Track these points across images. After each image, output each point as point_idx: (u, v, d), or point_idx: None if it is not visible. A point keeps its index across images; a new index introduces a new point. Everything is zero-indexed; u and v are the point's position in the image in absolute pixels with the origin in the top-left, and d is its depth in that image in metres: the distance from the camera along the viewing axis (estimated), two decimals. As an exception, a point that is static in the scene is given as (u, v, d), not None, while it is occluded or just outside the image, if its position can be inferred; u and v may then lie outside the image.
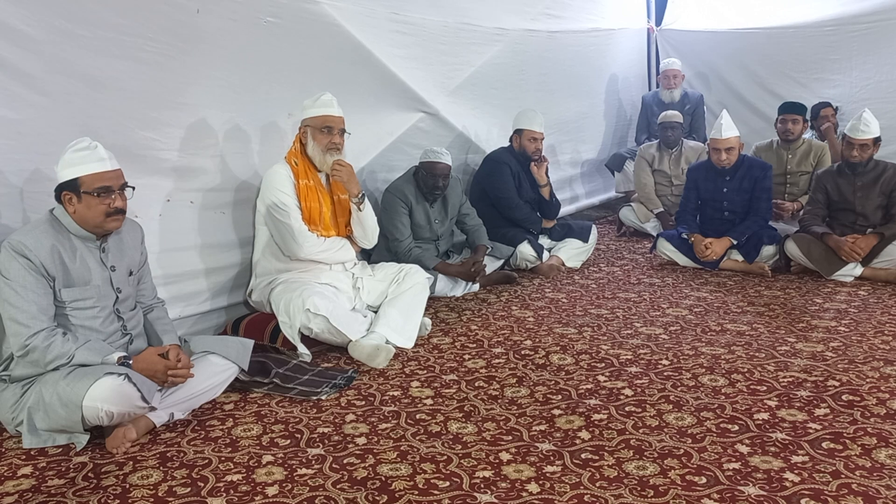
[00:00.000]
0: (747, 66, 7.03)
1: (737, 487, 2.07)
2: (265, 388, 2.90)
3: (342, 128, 3.48)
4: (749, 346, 3.25)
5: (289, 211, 3.36)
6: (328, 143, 3.42)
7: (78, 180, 2.46)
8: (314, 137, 3.43)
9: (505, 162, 4.89)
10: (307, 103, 3.46)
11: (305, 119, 3.46)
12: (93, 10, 2.82)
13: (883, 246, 4.32)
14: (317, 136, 3.42)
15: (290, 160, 3.46)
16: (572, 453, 2.31)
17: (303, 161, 3.46)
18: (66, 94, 2.77)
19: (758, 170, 4.70)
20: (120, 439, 2.41)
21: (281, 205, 3.35)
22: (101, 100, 2.89)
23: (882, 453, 2.23)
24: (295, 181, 3.41)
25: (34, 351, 2.38)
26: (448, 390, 2.88)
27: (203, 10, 3.20)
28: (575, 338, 3.48)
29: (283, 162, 3.47)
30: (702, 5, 7.49)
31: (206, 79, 3.31)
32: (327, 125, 3.42)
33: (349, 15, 3.97)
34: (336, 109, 3.45)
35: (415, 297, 3.56)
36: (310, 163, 3.47)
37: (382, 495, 2.10)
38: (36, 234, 2.45)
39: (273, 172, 3.43)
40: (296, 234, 3.36)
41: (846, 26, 6.41)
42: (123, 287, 2.66)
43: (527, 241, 4.79)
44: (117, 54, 2.92)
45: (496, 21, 5.28)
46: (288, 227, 3.36)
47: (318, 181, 3.48)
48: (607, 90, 7.15)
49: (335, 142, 3.43)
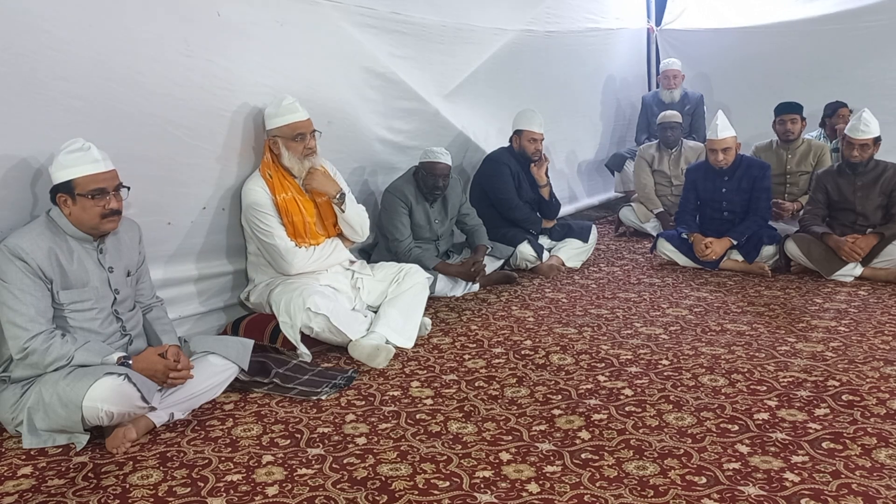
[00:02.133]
0: (748, 65, 7.02)
1: (737, 487, 2.07)
2: (265, 388, 2.90)
3: (313, 129, 3.39)
4: (749, 346, 3.25)
5: (272, 231, 3.32)
6: (303, 149, 3.34)
7: (72, 182, 2.45)
8: (288, 147, 3.33)
9: (505, 162, 4.89)
10: (270, 111, 3.35)
11: (272, 129, 3.34)
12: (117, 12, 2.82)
13: (883, 246, 4.32)
14: (290, 146, 3.33)
15: (264, 174, 3.35)
16: (572, 453, 2.31)
17: (277, 172, 3.36)
18: (103, 97, 2.77)
19: (756, 169, 4.70)
20: (120, 439, 2.41)
21: (264, 227, 3.32)
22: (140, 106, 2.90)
23: (882, 453, 2.23)
24: (273, 197, 3.33)
25: (33, 353, 2.38)
26: (448, 390, 2.88)
27: (224, 14, 3.20)
28: (575, 338, 3.48)
29: (256, 176, 3.36)
30: (702, 5, 7.49)
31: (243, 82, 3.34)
32: (298, 132, 3.32)
33: (349, 15, 3.98)
34: (302, 113, 3.34)
35: (415, 297, 3.56)
36: (285, 171, 3.38)
37: (382, 495, 2.10)
38: (32, 236, 2.45)
39: (249, 192, 3.33)
40: (283, 254, 3.33)
41: (848, 24, 6.41)
42: (122, 288, 2.65)
43: (527, 241, 4.79)
44: (156, 57, 2.94)
45: (495, 21, 5.28)
46: (274, 248, 3.33)
47: (296, 189, 3.41)
48: (607, 90, 7.15)
49: (310, 147, 3.36)
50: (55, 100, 2.63)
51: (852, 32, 6.39)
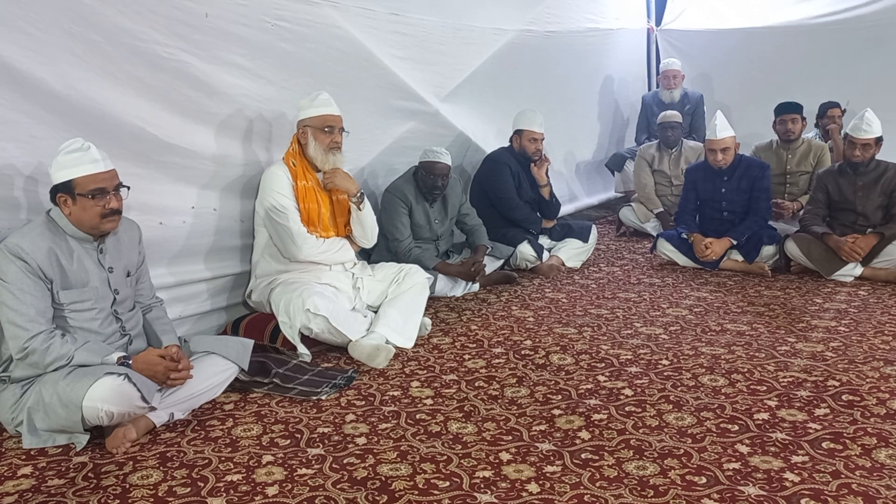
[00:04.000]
0: (748, 65, 7.03)
1: (737, 487, 2.07)
2: (265, 388, 2.90)
3: (342, 126, 3.47)
4: (749, 346, 3.25)
5: (287, 213, 3.35)
6: (330, 142, 3.41)
7: (72, 182, 2.45)
8: (315, 138, 3.41)
9: (505, 162, 4.89)
10: (304, 103, 3.45)
11: (304, 119, 3.44)
12: (104, 13, 2.82)
13: (883, 246, 4.32)
14: (318, 137, 3.41)
15: (287, 161, 3.45)
16: (572, 453, 2.31)
17: (301, 162, 3.44)
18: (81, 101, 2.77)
19: (756, 169, 4.70)
20: (120, 439, 2.41)
21: (280, 207, 3.35)
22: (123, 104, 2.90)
23: (882, 453, 2.23)
24: (293, 182, 3.40)
25: (33, 353, 2.37)
26: (448, 390, 2.88)
27: (212, 15, 3.20)
28: (575, 338, 3.48)
29: (280, 163, 3.46)
30: (702, 5, 7.49)
31: (223, 84, 3.33)
32: (328, 125, 3.41)
33: (349, 15, 3.97)
34: (335, 108, 3.45)
35: (415, 297, 3.56)
36: (308, 163, 3.46)
37: (382, 495, 2.10)
38: (32, 236, 2.44)
39: (271, 174, 3.41)
40: (295, 237, 3.35)
41: (849, 24, 6.41)
42: (121, 288, 2.65)
43: (527, 241, 4.79)
44: (134, 61, 2.93)
45: (495, 21, 5.28)
46: (287, 229, 3.35)
47: (316, 182, 3.47)
48: (606, 90, 7.15)
49: (336, 141, 3.43)
50: (34, 98, 2.63)
51: (853, 32, 6.40)
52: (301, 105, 3.46)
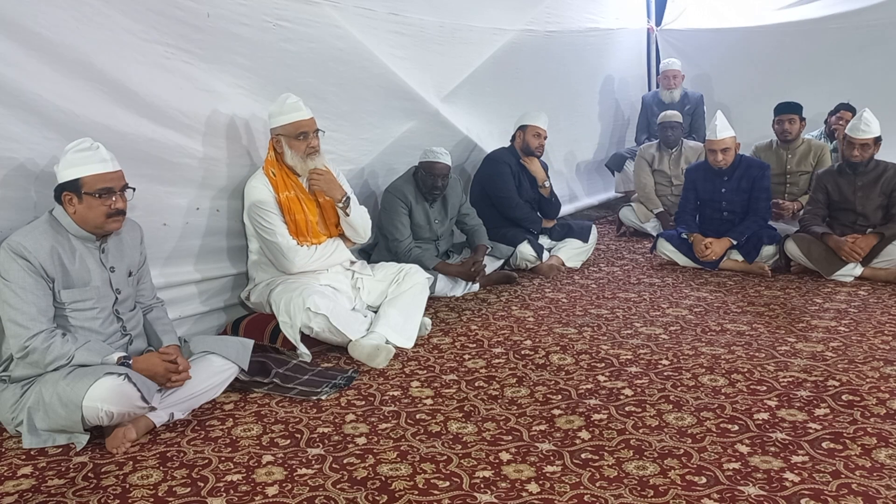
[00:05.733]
0: (748, 65, 7.03)
1: (737, 487, 2.07)
2: (265, 388, 2.90)
3: (316, 129, 3.38)
4: (749, 346, 3.25)
5: (274, 229, 3.31)
6: (306, 148, 3.33)
7: (79, 181, 2.46)
8: (290, 146, 3.32)
9: (505, 161, 4.89)
10: (273, 110, 3.34)
11: (275, 128, 3.33)
12: (107, 13, 2.82)
13: (883, 246, 4.32)
14: (293, 144, 3.32)
15: (267, 171, 3.36)
16: (572, 453, 2.31)
17: (281, 170, 3.36)
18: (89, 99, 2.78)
19: (756, 169, 4.71)
20: (120, 439, 2.41)
21: (266, 224, 3.31)
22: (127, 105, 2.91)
23: (882, 453, 2.23)
24: (276, 195, 3.33)
25: (34, 352, 2.38)
26: (448, 390, 2.88)
27: (213, 15, 3.20)
28: (575, 338, 3.48)
29: (260, 174, 3.37)
30: (702, 5, 7.49)
31: (224, 84, 3.32)
32: (301, 131, 3.31)
33: (349, 15, 3.98)
34: (305, 112, 3.33)
35: (415, 297, 3.56)
36: (289, 170, 3.39)
37: (382, 495, 2.10)
38: (35, 235, 2.45)
39: (252, 189, 3.34)
40: (285, 252, 3.33)
41: (849, 24, 6.40)
42: (123, 288, 2.66)
43: (527, 241, 4.79)
44: (138, 60, 2.94)
45: (494, 21, 5.28)
46: (276, 245, 3.32)
47: (299, 187, 3.40)
48: (606, 90, 7.15)
49: (313, 146, 3.35)
50: (43, 99, 2.63)
51: (853, 32, 6.39)
52: (270, 112, 3.35)
